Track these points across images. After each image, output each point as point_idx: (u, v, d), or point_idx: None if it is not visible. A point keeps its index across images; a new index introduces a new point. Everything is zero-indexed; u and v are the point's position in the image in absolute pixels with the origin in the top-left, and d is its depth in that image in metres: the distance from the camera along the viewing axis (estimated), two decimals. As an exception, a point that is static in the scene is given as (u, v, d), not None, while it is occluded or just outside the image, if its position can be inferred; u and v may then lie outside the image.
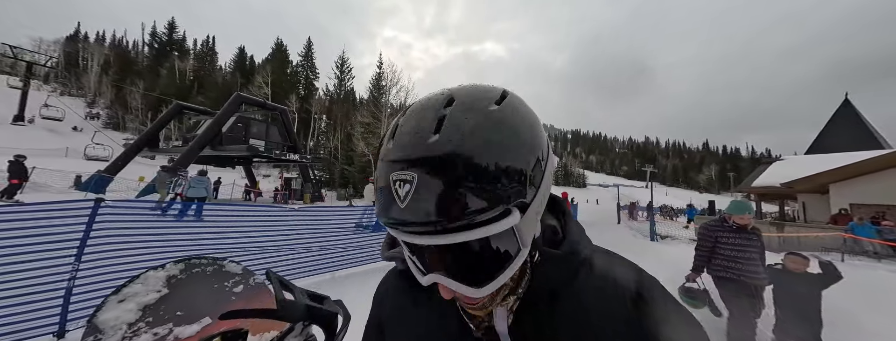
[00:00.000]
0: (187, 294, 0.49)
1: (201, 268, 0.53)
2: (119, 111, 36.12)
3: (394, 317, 0.44)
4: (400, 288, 0.44)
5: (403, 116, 0.31)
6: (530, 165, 0.29)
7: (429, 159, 0.26)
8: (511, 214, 0.27)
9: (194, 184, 8.01)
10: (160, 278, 0.49)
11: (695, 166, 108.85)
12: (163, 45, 44.67)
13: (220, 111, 14.10)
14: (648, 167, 19.65)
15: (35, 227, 1.94)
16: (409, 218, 0.27)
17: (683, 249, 7.67)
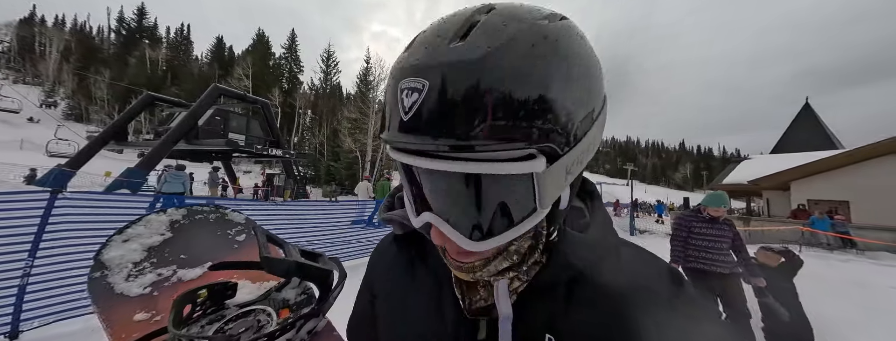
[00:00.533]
0: (190, 239, 0.50)
1: (204, 215, 0.54)
2: (82, 101, 33.51)
3: (384, 285, 0.41)
4: (394, 255, 0.40)
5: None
6: (576, 109, 0.23)
7: (447, 64, 0.22)
8: (534, 159, 0.22)
9: (171, 179, 7.63)
10: (163, 222, 0.50)
11: (672, 165, 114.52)
12: (131, 32, 41.77)
13: (196, 103, 13.39)
14: (629, 166, 20.43)
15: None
16: (410, 133, 0.23)
17: (659, 242, 8.09)
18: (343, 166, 25.21)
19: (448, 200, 0.25)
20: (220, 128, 13.46)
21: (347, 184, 24.68)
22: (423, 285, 0.35)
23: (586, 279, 0.29)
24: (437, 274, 0.34)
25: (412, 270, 0.37)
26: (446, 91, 0.21)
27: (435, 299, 0.34)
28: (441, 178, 0.24)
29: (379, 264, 0.43)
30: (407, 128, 0.23)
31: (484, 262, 0.27)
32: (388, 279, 0.40)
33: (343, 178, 25.31)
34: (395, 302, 0.37)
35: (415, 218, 0.27)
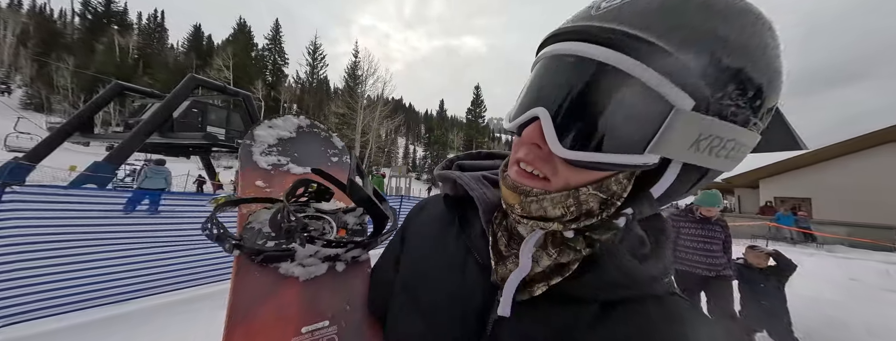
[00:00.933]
0: (305, 144, 0.63)
1: (319, 131, 0.66)
2: (42, 90, 31.02)
3: (417, 232, 0.43)
4: (438, 211, 0.42)
5: None
6: (747, 84, 0.21)
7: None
8: (686, 94, 0.21)
9: (151, 174, 7.24)
10: (294, 124, 0.63)
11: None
12: (98, 17, 38.87)
13: (170, 94, 12.69)
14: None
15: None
16: (586, 23, 0.23)
17: None
18: (330, 162, 24.66)
19: (573, 98, 0.23)
20: (198, 122, 12.82)
21: (334, 180, 24.19)
22: (455, 246, 0.36)
23: (622, 313, 0.27)
24: (471, 239, 0.35)
25: (449, 229, 0.38)
26: (653, 2, 0.21)
27: (459, 263, 0.34)
28: (582, 72, 0.23)
29: (418, 216, 0.45)
30: (584, 23, 0.23)
31: (543, 192, 0.26)
32: (423, 230, 0.42)
33: (330, 175, 24.83)
34: (423, 253, 0.39)
35: (521, 117, 0.25)
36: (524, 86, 0.28)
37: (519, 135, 0.26)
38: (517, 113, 0.26)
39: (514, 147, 0.28)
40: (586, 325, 0.27)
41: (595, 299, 0.27)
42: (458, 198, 0.37)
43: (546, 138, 0.23)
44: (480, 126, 43.78)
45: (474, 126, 42.31)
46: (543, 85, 0.25)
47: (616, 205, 0.26)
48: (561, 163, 0.24)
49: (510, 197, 0.28)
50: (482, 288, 0.31)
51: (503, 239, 0.32)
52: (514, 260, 0.29)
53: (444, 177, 0.38)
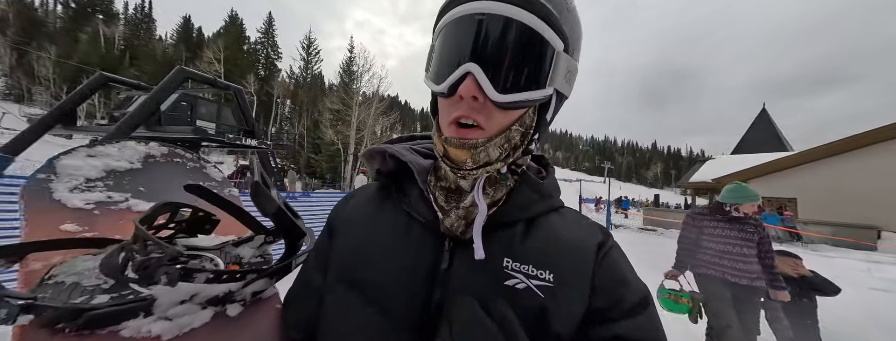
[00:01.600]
0: (158, 177, 0.48)
1: (183, 160, 0.51)
2: (22, 80, 29.79)
3: (353, 216, 0.42)
4: (367, 197, 0.44)
5: None
6: (577, 37, 0.34)
7: None
8: (564, 40, 0.31)
9: None
10: (139, 152, 0.48)
11: (645, 164, 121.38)
12: (83, 6, 37.45)
13: (158, 86, 12.27)
14: (606, 164, 21.41)
15: None
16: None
17: (634, 235, 8.56)
18: (324, 159, 24.39)
19: (496, 52, 0.29)
20: (187, 115, 12.44)
21: (329, 177, 23.90)
22: (395, 217, 0.39)
23: (538, 223, 0.37)
24: (411, 204, 0.38)
25: (384, 205, 0.41)
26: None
27: (403, 230, 0.38)
28: (499, 30, 0.29)
29: (345, 206, 0.45)
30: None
31: (485, 140, 0.32)
32: (355, 216, 0.42)
33: (324, 171, 24.48)
34: (361, 238, 0.39)
35: (456, 70, 0.30)
36: (439, 49, 0.32)
37: (451, 95, 0.31)
38: (446, 72, 0.30)
39: (447, 108, 0.33)
40: (519, 241, 0.36)
41: (519, 219, 0.37)
42: (389, 173, 0.42)
43: (483, 88, 0.29)
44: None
45: (470, 124, 42.15)
46: (463, 44, 0.30)
47: (530, 134, 0.35)
48: (494, 109, 0.31)
49: (461, 154, 0.33)
50: (431, 245, 0.36)
51: (441, 195, 0.38)
52: (456, 212, 0.35)
53: (373, 152, 0.42)
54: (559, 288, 0.33)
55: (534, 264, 0.34)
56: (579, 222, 0.41)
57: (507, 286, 0.33)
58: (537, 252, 0.35)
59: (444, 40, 0.32)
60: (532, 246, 0.35)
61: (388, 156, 0.40)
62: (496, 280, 0.33)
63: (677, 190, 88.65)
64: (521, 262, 0.34)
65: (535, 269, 0.33)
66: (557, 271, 0.34)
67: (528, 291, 0.32)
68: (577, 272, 0.35)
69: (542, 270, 0.33)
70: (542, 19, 0.29)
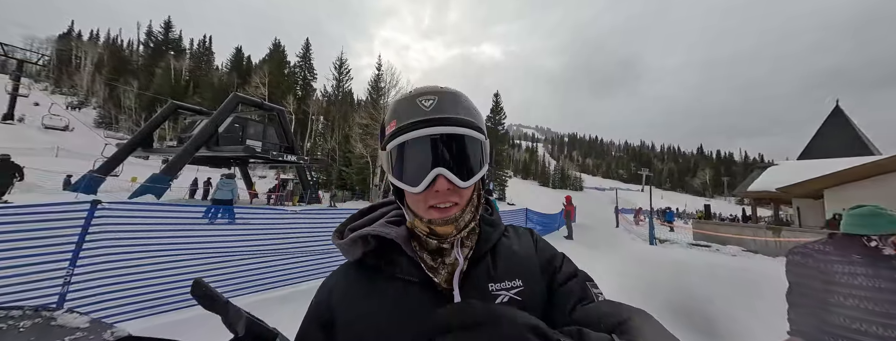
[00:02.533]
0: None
1: (10, 323, 0.34)
2: (112, 110, 35.54)
3: (353, 297, 0.46)
4: (358, 275, 0.48)
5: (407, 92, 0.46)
6: (484, 127, 0.47)
7: (444, 91, 0.45)
8: (483, 134, 0.45)
9: (221, 186, 7.76)
10: None
11: (689, 170, 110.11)
12: (159, 45, 44.25)
13: (216, 111, 13.91)
14: (644, 171, 19.79)
15: (27, 230, 1.86)
16: (433, 115, 0.42)
17: (682, 253, 7.62)
18: (354, 171, 25.55)
19: (453, 156, 0.42)
20: (239, 135, 13.94)
21: (358, 189, 24.92)
22: (393, 287, 0.44)
23: (498, 248, 0.50)
24: (404, 271, 0.45)
25: (375, 281, 0.46)
26: (448, 100, 0.43)
27: (402, 295, 0.44)
28: (450, 143, 0.42)
29: (335, 287, 0.48)
30: (430, 113, 0.42)
31: (460, 211, 0.45)
32: (352, 291, 0.46)
33: (354, 183, 25.58)
34: (367, 303, 0.44)
35: (427, 175, 0.41)
36: (404, 159, 0.44)
37: (424, 191, 0.42)
38: (419, 176, 0.42)
39: (421, 199, 0.43)
40: (492, 267, 0.47)
41: (486, 251, 0.48)
42: (374, 252, 0.48)
43: (453, 181, 0.42)
44: (500, 133, 43.28)
45: (494, 134, 41.98)
46: (426, 156, 0.42)
47: (482, 194, 0.52)
48: (461, 189, 0.44)
49: (448, 229, 0.45)
50: (429, 299, 0.43)
51: (427, 257, 0.46)
52: (443, 267, 0.45)
53: (355, 238, 0.47)
54: (527, 286, 0.46)
55: (507, 279, 0.46)
56: (517, 232, 0.55)
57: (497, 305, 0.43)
58: (506, 269, 0.47)
59: (408, 154, 0.43)
60: (502, 266, 0.47)
61: (371, 238, 0.47)
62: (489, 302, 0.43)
63: (732, 199, 78.57)
64: (498, 282, 0.45)
65: (509, 282, 0.45)
66: (523, 276, 0.47)
67: (511, 301, 0.44)
68: (532, 267, 0.48)
69: (513, 281, 0.46)
70: (471, 128, 0.43)
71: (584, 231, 11.35)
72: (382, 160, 0.46)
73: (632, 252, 7.16)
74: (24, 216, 1.90)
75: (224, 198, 7.60)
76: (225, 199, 7.58)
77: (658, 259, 6.38)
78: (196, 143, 12.32)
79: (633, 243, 9.06)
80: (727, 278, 4.80)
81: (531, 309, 0.41)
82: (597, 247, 7.69)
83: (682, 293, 3.27)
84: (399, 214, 0.51)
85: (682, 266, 5.61)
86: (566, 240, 8.83)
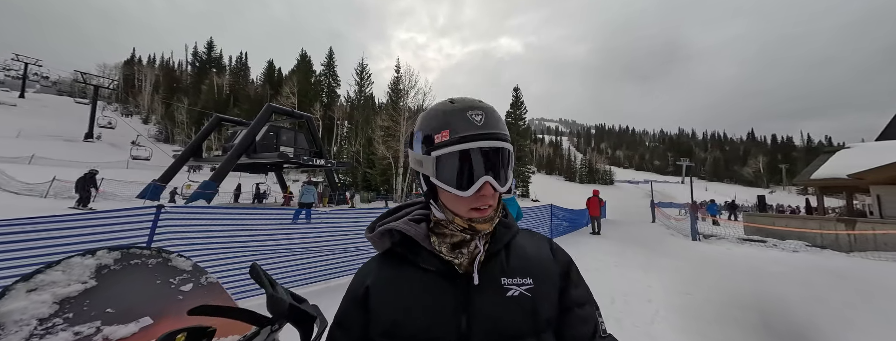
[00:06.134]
0: (122, 288, 0.41)
1: (142, 260, 0.45)
2: (168, 125, 40.11)
3: (383, 280, 0.53)
4: (388, 263, 0.55)
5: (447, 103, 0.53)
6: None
7: (488, 107, 0.51)
8: (513, 146, 0.53)
9: (305, 192, 9.02)
10: (88, 267, 0.41)
11: (739, 158, 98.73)
12: (203, 64, 48.92)
13: (253, 121, 15.14)
14: (684, 161, 18.19)
15: (106, 232, 2.23)
16: (488, 130, 0.48)
17: (735, 249, 6.67)
18: (378, 172, 26.40)
19: (498, 166, 0.49)
20: (274, 143, 15.07)
21: (384, 190, 25.75)
22: (419, 277, 0.51)
23: (512, 247, 0.56)
24: (427, 261, 0.52)
25: (402, 272, 0.53)
26: (492, 115, 0.50)
27: (426, 283, 0.51)
28: (497, 155, 0.49)
29: (372, 270, 0.56)
30: (483, 128, 0.48)
31: (494, 212, 0.52)
32: (386, 275, 0.54)
33: (378, 184, 26.44)
34: (397, 286, 0.51)
35: (477, 181, 0.47)
36: (455, 166, 0.49)
37: (471, 194, 0.48)
38: (468, 182, 0.48)
39: (463, 201, 0.49)
40: (505, 264, 0.53)
41: (500, 248, 0.54)
42: (400, 243, 0.55)
43: (496, 188, 0.49)
44: (521, 128, 42.18)
45: (515, 129, 41.00)
46: (477, 165, 0.48)
47: (502, 199, 0.58)
48: (498, 194, 0.51)
49: (486, 226, 0.51)
50: (448, 286, 0.50)
51: (445, 249, 0.52)
52: (462, 256, 0.52)
53: (383, 232, 0.55)
54: (537, 286, 0.51)
55: (518, 276, 0.51)
56: (532, 237, 0.61)
57: (508, 297, 0.49)
58: (518, 267, 0.52)
59: (461, 162, 0.48)
60: (514, 264, 0.53)
61: (395, 232, 0.55)
62: (500, 294, 0.49)
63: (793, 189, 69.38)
64: (511, 277, 0.51)
65: (521, 279, 0.51)
66: (534, 275, 0.52)
67: (521, 296, 0.49)
68: (546, 270, 0.54)
69: (525, 278, 0.51)
70: (508, 142, 0.51)
71: (615, 227, 10.74)
72: (423, 163, 0.50)
73: (670, 249, 6.66)
74: (104, 220, 2.27)
75: (307, 201, 8.78)
76: (308, 202, 8.75)
77: (703, 256, 5.87)
78: (237, 152, 13.54)
79: (673, 239, 8.41)
80: (829, 285, 3.93)
81: (539, 307, 0.49)
82: (628, 242, 7.27)
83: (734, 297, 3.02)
84: (422, 213, 0.57)
85: (729, 264, 5.13)
86: (593, 236, 8.47)
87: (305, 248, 3.37)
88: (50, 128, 28.66)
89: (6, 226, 1.90)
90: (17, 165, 15.68)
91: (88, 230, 2.17)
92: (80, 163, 16.63)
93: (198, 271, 0.49)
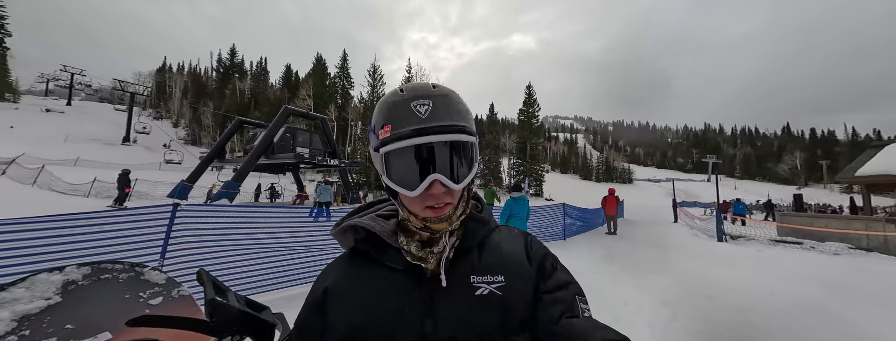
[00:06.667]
0: (86, 304, 0.41)
1: (113, 275, 0.45)
2: (196, 129, 42.55)
3: (343, 281, 0.50)
4: (351, 263, 0.52)
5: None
6: (473, 121, 0.49)
7: (437, 95, 0.45)
8: (474, 135, 0.47)
9: (322, 191, 9.52)
10: (54, 283, 0.41)
11: (773, 154, 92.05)
12: (227, 69, 51.45)
13: (271, 123, 15.75)
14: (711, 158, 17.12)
15: (133, 228, 2.39)
16: (430, 124, 0.43)
17: (767, 251, 6.14)
18: (391, 172, 26.59)
19: (448, 161, 0.44)
20: (290, 144, 15.62)
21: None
22: (381, 275, 0.48)
23: (486, 244, 0.52)
24: (393, 260, 0.48)
25: (365, 269, 0.50)
26: (442, 104, 0.44)
27: (389, 283, 0.47)
28: (444, 150, 0.44)
29: (332, 272, 0.53)
30: (425, 121, 0.43)
31: (452, 210, 0.48)
32: (348, 275, 0.51)
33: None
34: (359, 286, 0.48)
35: (424, 180, 0.44)
36: (400, 164, 0.45)
37: (418, 193, 0.45)
38: (415, 182, 0.44)
39: (417, 200, 0.46)
40: (476, 261, 0.49)
41: (473, 245, 0.50)
42: (364, 240, 0.52)
43: (447, 185, 0.45)
44: (534, 126, 41.36)
45: (528, 127, 40.26)
46: (421, 162, 0.44)
47: (470, 189, 0.54)
48: (455, 191, 0.46)
49: (442, 226, 0.48)
50: (414, 286, 0.46)
51: (413, 247, 0.48)
52: (432, 256, 0.48)
53: (345, 228, 0.52)
54: (509, 283, 0.47)
55: (490, 274, 0.47)
56: (510, 233, 0.57)
57: (476, 296, 0.46)
58: (490, 264, 0.49)
59: (404, 159, 0.45)
60: (486, 261, 0.49)
61: (359, 228, 0.52)
62: (469, 293, 0.46)
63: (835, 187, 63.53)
64: (481, 275, 0.47)
65: (491, 277, 0.47)
66: (506, 272, 0.48)
67: (491, 294, 0.46)
68: (519, 265, 0.49)
69: (496, 276, 0.47)
70: (463, 133, 0.45)
71: (633, 226, 10.32)
72: (375, 161, 0.48)
73: (693, 250, 6.31)
74: (133, 217, 2.44)
75: (324, 200, 9.22)
76: (325, 201, 9.21)
77: (731, 259, 5.49)
78: (257, 153, 14.14)
79: (696, 240, 7.97)
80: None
81: (511, 305, 0.45)
82: (647, 243, 6.96)
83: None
84: (392, 209, 0.55)
85: (759, 267, 4.78)
86: (608, 236, 8.17)
87: (318, 246, 3.47)
88: (92, 133, 31.17)
89: (33, 224, 2.08)
90: (63, 167, 17.17)
91: (112, 227, 2.34)
92: (117, 164, 18.00)
93: (170, 284, 0.49)
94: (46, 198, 10.25)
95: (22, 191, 11.08)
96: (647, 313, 2.84)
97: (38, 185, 12.28)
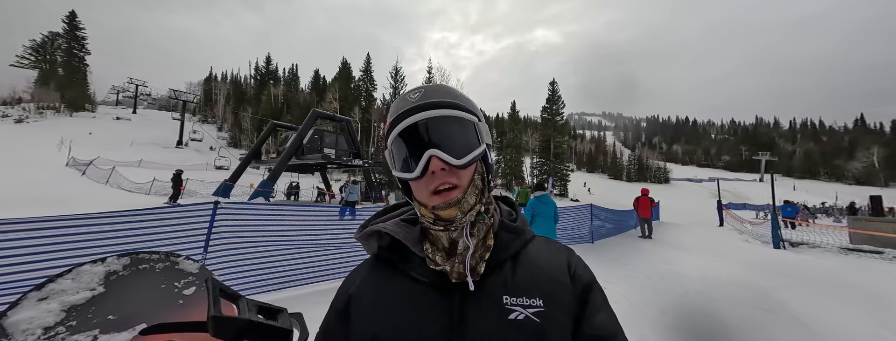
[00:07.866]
0: (127, 294, 0.42)
1: (150, 265, 0.46)
2: (236, 132, 46.51)
3: (367, 289, 0.48)
4: (375, 268, 0.50)
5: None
6: (478, 110, 0.49)
7: (430, 85, 0.48)
8: (475, 115, 0.47)
9: (351, 191, 10.07)
10: (97, 274, 0.42)
11: (843, 150, 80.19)
12: (263, 77, 55.56)
13: (301, 126, 16.74)
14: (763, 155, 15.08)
15: (181, 224, 2.66)
16: (422, 102, 0.44)
17: (833, 261, 5.28)
18: (412, 171, 27.06)
19: (443, 137, 0.43)
20: (318, 145, 16.52)
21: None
22: (404, 285, 0.46)
23: (521, 258, 0.47)
24: (416, 269, 0.45)
25: (393, 274, 0.47)
26: (433, 92, 0.46)
27: (410, 287, 0.45)
28: (438, 125, 0.43)
29: (358, 276, 0.51)
30: (416, 101, 0.44)
31: (462, 193, 0.44)
32: (372, 281, 0.49)
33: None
34: (381, 293, 0.46)
35: (421, 159, 0.42)
36: (399, 150, 0.45)
37: (422, 175, 0.43)
38: (413, 163, 0.43)
39: (422, 185, 0.44)
40: (510, 278, 0.44)
41: (506, 258, 0.46)
42: (388, 247, 0.49)
43: (446, 160, 0.42)
44: (559, 124, 39.77)
45: (551, 124, 38.82)
46: (416, 142, 0.44)
47: (486, 177, 0.49)
48: (458, 170, 0.44)
49: (451, 212, 0.43)
50: (440, 300, 0.43)
51: (438, 255, 0.45)
52: (455, 265, 0.43)
53: (368, 233, 0.49)
54: (548, 310, 0.42)
55: (526, 295, 0.42)
56: (548, 247, 0.51)
57: (510, 320, 0.40)
58: (526, 283, 0.43)
59: (401, 144, 0.45)
60: (521, 278, 0.44)
61: (383, 234, 0.48)
62: (502, 315, 0.41)
63: (924, 188, 53.81)
64: (515, 296, 0.42)
65: (528, 299, 0.42)
66: (545, 296, 0.43)
67: (527, 320, 0.40)
68: (560, 290, 0.44)
69: (533, 298, 0.42)
70: (457, 109, 0.44)
71: (671, 230, 9.51)
72: (387, 160, 0.48)
73: (744, 258, 5.63)
74: (180, 214, 2.71)
75: (352, 200, 9.62)
76: (352, 200, 9.60)
77: (795, 268, 4.81)
78: (289, 154, 15.11)
79: (748, 246, 7.17)
80: None
81: (548, 337, 0.39)
82: (690, 247, 6.34)
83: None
84: (413, 213, 0.52)
85: (831, 281, 4.16)
86: (642, 239, 7.64)
87: (346, 243, 3.62)
88: (152, 137, 35.32)
89: (102, 218, 2.41)
90: (130, 168, 19.63)
91: (164, 223, 2.63)
92: (172, 165, 20.23)
93: (204, 273, 0.49)
94: (116, 195, 11.80)
95: (97, 189, 12.88)
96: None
97: (110, 184, 14.17)
